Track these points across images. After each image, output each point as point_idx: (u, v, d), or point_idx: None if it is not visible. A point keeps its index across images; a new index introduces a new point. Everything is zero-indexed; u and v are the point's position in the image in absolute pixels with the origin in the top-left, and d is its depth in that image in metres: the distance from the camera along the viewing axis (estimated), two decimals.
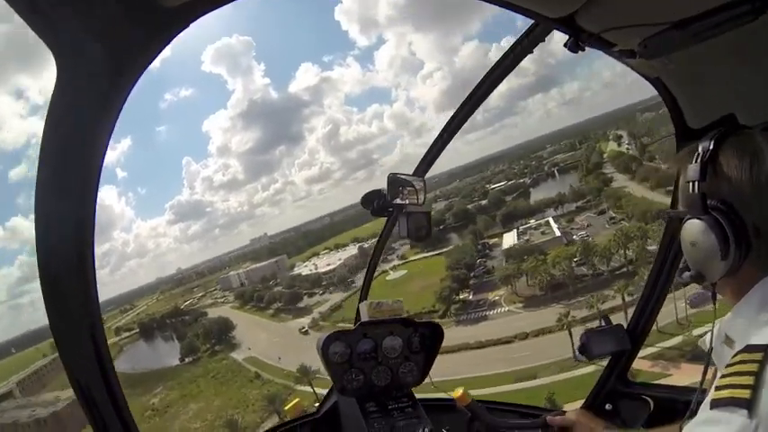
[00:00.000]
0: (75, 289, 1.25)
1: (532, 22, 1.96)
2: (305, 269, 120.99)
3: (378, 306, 2.90)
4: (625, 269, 65.19)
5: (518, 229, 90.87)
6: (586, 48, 1.72)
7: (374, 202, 2.63)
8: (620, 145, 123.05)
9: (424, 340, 3.04)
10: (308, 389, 60.29)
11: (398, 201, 2.58)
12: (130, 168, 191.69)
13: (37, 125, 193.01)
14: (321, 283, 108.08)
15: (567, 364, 49.89)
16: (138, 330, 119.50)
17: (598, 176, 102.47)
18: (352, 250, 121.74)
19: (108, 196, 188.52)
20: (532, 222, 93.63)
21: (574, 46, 1.70)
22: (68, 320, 1.28)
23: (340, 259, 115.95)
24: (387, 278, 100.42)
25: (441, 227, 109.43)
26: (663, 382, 40.39)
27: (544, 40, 2.01)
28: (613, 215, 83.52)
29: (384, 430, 2.61)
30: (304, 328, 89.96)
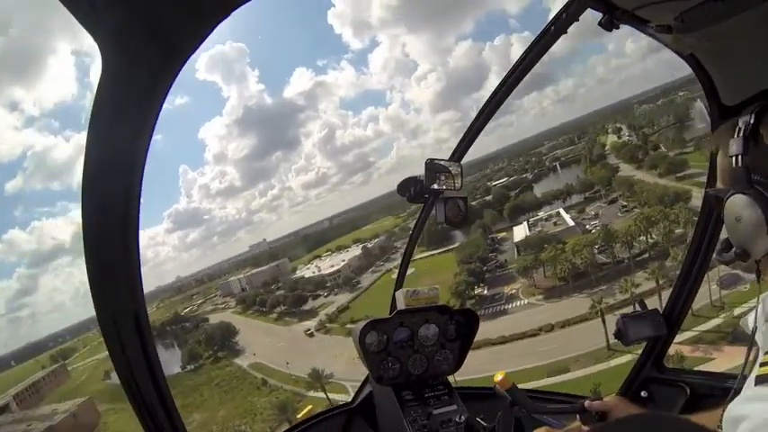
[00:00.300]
0: (121, 278, 1.24)
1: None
2: (307, 272, 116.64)
3: (414, 294, 2.86)
4: (647, 254, 61.64)
5: (528, 221, 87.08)
6: (620, 25, 1.73)
7: (411, 189, 2.50)
8: (620, 137, 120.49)
9: (460, 328, 3.00)
10: (321, 395, 55.83)
11: (435, 186, 2.48)
12: None
13: (32, 137, 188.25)
14: (325, 285, 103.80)
15: (601, 354, 45.93)
16: None
17: (604, 167, 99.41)
18: (355, 251, 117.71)
19: None
20: (542, 214, 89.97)
21: (608, 24, 1.71)
22: (114, 312, 1.28)
23: (343, 260, 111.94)
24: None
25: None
26: (706, 366, 37.58)
27: (578, 20, 1.92)
28: (624, 203, 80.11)
29: (421, 418, 2.58)
30: (309, 330, 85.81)
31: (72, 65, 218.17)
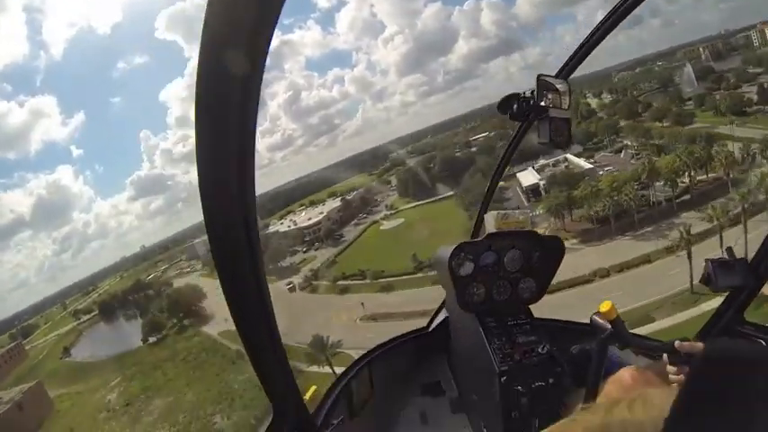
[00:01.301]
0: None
1: None
2: (281, 227, 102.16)
3: (505, 216, 2.79)
4: (688, 196, 52.53)
5: (533, 167, 76.57)
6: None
7: (513, 106, 2.34)
8: (601, 99, 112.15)
9: (545, 256, 2.88)
10: (324, 370, 42.29)
11: (542, 103, 2.28)
12: (86, 145, 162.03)
13: None
14: (304, 240, 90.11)
15: (686, 299, 35.86)
16: (97, 312, 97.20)
17: (599, 120, 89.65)
18: (333, 204, 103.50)
19: (64, 176, 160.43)
20: (543, 161, 79.37)
21: None
22: (235, 271, 1.24)
23: (321, 213, 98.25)
24: (381, 228, 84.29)
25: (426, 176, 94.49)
26: None
27: None
28: (636, 152, 70.52)
29: (505, 346, 2.53)
30: (291, 283, 72.91)
31: (23, 23, 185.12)
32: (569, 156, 75.73)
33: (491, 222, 2.73)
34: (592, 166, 67.74)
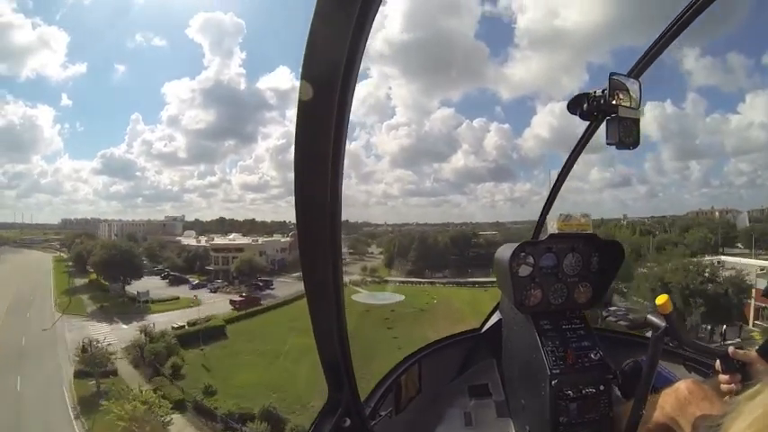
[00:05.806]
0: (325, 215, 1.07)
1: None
2: (190, 239, 59.67)
3: (567, 219, 2.51)
4: None
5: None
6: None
7: (583, 105, 2.08)
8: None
9: (604, 261, 2.57)
10: None
11: (614, 102, 2.04)
12: (77, 98, 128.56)
13: None
14: (205, 267, 46.03)
15: None
16: None
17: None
18: (280, 239, 60.86)
19: (42, 115, 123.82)
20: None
21: None
22: (316, 255, 1.14)
23: (255, 240, 57.77)
24: (354, 297, 41.31)
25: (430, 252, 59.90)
26: None
27: None
28: None
29: (558, 349, 2.32)
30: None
31: None
32: (725, 257, 43.38)
33: (553, 224, 2.43)
34: None
